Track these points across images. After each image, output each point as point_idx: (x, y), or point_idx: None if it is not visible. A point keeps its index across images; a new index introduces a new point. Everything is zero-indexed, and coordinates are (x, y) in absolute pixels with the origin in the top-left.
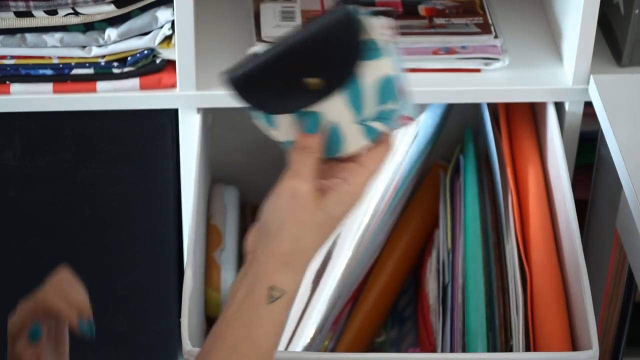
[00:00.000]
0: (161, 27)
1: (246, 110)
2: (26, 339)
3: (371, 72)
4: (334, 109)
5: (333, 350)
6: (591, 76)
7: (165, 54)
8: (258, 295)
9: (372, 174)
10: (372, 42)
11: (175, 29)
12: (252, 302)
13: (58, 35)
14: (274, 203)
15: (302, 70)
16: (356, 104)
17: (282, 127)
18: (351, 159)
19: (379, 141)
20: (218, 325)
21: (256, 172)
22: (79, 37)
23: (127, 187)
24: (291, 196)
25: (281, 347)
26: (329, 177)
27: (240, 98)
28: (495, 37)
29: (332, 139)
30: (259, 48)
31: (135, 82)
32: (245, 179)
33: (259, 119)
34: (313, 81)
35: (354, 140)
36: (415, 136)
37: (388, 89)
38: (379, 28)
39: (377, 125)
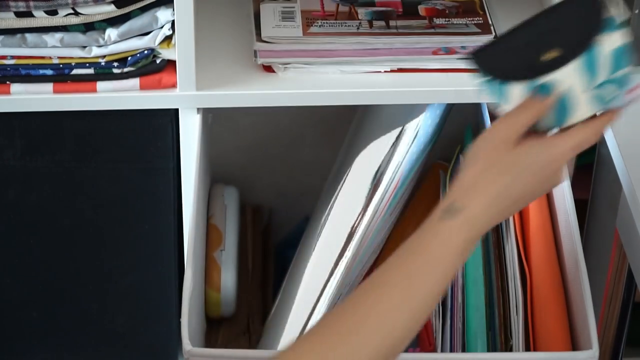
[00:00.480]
0: (161, 27)
1: (481, 79)
2: None
3: (607, 44)
4: (567, 78)
5: None
6: None
7: (165, 54)
8: (435, 216)
9: (575, 150)
10: (610, 17)
11: (175, 29)
12: (429, 223)
13: (58, 35)
14: (475, 140)
15: (542, 43)
16: (590, 73)
17: (514, 101)
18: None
19: (603, 113)
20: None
21: (256, 172)
22: (79, 37)
23: (127, 187)
24: (489, 138)
25: (281, 347)
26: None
27: (482, 69)
28: (495, 37)
29: (561, 108)
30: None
31: (135, 82)
32: (245, 179)
33: (491, 95)
34: (551, 53)
35: (582, 109)
36: (415, 136)
37: (620, 59)
38: (615, 2)
39: (609, 91)
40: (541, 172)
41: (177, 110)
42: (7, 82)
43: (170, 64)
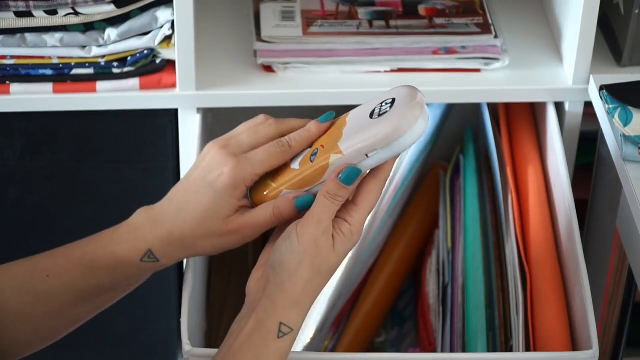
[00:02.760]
0: (161, 27)
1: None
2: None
3: None
4: None
5: (333, 350)
6: (591, 76)
7: (165, 54)
8: (268, 330)
9: (369, 212)
10: None
11: (175, 29)
12: (262, 336)
13: (58, 35)
14: (292, 246)
15: None
16: None
17: (635, 125)
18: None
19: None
20: (221, 355)
21: None
22: (79, 37)
23: (127, 187)
24: (313, 245)
25: None
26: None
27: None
28: (495, 37)
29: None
30: None
31: (135, 82)
32: None
33: (617, 120)
34: None
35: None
36: None
37: None
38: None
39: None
40: (301, 254)
41: (177, 110)
42: (7, 82)
43: (170, 64)
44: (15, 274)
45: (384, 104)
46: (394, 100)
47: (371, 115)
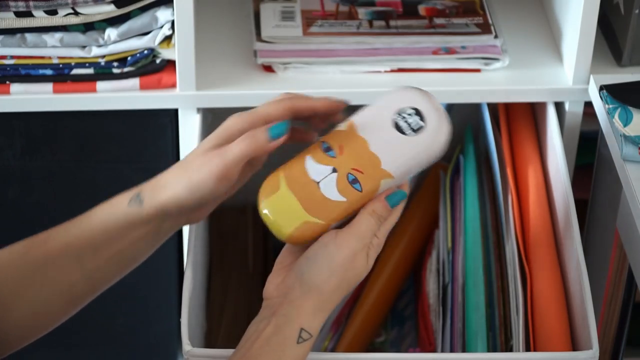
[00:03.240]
0: (161, 27)
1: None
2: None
3: None
4: None
5: (333, 350)
6: (591, 76)
7: (165, 54)
8: (288, 335)
9: (392, 226)
10: None
11: (175, 29)
12: (281, 340)
13: (58, 35)
14: (329, 255)
15: None
16: None
17: (635, 124)
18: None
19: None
20: (238, 357)
21: (256, 172)
22: (79, 37)
23: (127, 187)
24: (351, 258)
25: None
26: None
27: (615, 99)
28: (495, 37)
29: None
30: None
31: (135, 82)
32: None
33: (617, 120)
34: None
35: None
36: None
37: None
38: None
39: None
40: (336, 266)
41: (177, 110)
42: (7, 82)
43: (170, 64)
44: (11, 249)
45: (408, 116)
46: (417, 110)
47: (401, 130)
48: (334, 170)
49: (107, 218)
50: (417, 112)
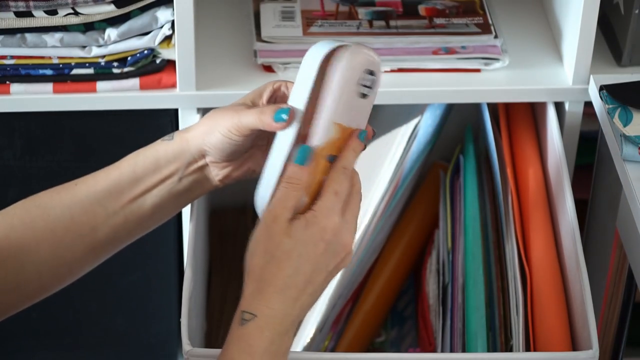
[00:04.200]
0: (161, 27)
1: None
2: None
3: None
4: None
5: (333, 350)
6: (591, 76)
7: (165, 54)
8: (235, 320)
9: (336, 198)
10: None
11: (175, 29)
12: (233, 325)
13: (58, 35)
14: (253, 236)
15: None
16: None
17: (635, 124)
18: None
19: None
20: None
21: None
22: (79, 37)
23: None
24: (265, 230)
25: None
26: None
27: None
28: (495, 37)
29: None
30: None
31: (135, 82)
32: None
33: (617, 120)
34: None
35: None
36: (415, 136)
37: None
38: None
39: None
40: (319, 244)
41: (177, 110)
42: (7, 82)
43: (170, 64)
44: (43, 195)
45: (365, 81)
46: (370, 71)
47: (365, 95)
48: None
49: (135, 161)
50: (371, 72)
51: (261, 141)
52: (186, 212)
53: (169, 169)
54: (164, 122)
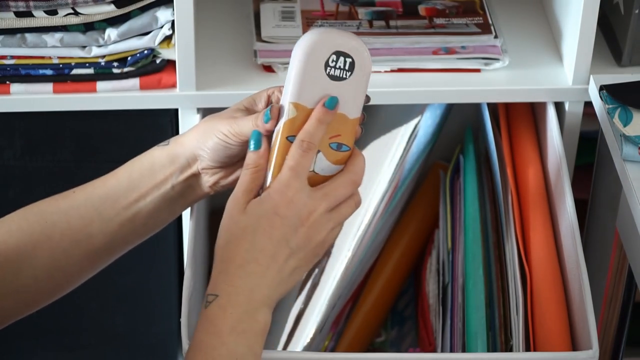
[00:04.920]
0: (161, 27)
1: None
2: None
3: None
4: None
5: (333, 350)
6: (591, 76)
7: (165, 54)
8: (204, 303)
9: (292, 173)
10: None
11: (175, 29)
12: (202, 309)
13: (58, 35)
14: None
15: None
16: None
17: (635, 124)
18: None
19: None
20: None
21: None
22: (79, 37)
23: None
24: (226, 213)
25: (281, 347)
26: None
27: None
28: (495, 37)
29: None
30: None
31: (135, 82)
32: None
33: (617, 120)
34: None
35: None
36: (415, 136)
37: None
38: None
39: None
40: (273, 218)
41: (177, 110)
42: (7, 82)
43: (170, 64)
44: (41, 203)
45: (334, 62)
46: (338, 52)
47: (339, 78)
48: (318, 152)
49: (132, 167)
50: (339, 53)
51: None
52: (186, 212)
53: (164, 173)
54: (164, 122)
